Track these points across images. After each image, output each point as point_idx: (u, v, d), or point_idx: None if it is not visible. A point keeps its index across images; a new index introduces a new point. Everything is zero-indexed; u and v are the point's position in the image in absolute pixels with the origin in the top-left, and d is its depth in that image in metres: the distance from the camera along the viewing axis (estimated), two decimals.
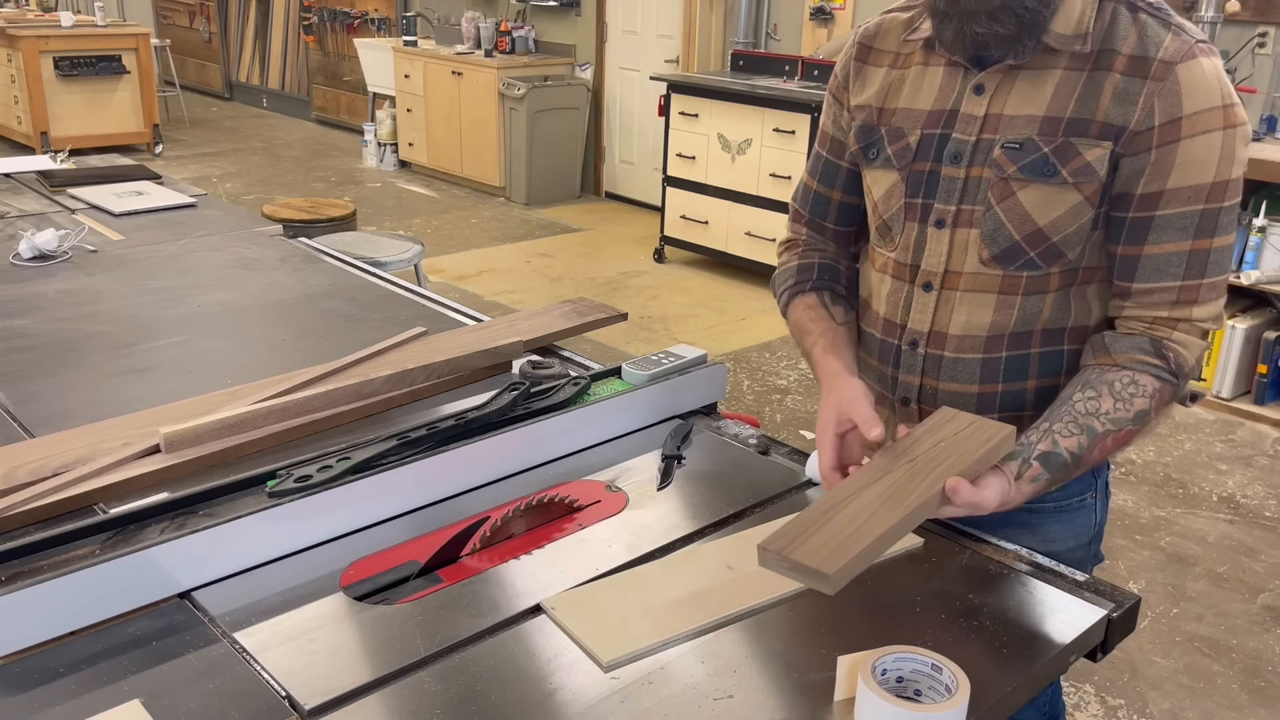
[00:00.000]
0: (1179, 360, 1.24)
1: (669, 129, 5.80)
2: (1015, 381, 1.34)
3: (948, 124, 1.30)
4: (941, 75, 1.32)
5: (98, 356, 1.80)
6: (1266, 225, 4.13)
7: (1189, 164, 1.20)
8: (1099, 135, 1.22)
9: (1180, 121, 1.19)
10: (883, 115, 1.37)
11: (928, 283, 1.34)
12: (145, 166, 3.20)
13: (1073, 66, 1.23)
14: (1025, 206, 1.26)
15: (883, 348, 1.42)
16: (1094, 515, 1.46)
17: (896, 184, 1.35)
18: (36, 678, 1.02)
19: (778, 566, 1.04)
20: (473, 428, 1.44)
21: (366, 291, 2.19)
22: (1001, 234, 1.28)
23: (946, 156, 1.30)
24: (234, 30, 10.60)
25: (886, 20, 1.41)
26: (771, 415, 4.03)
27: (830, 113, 1.48)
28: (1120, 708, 2.53)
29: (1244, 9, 4.33)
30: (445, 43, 7.68)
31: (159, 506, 1.26)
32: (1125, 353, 1.25)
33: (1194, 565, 3.15)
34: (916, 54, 1.35)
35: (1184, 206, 1.21)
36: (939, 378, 1.37)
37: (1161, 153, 1.20)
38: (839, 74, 1.45)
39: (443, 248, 6.09)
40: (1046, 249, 1.27)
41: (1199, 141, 1.19)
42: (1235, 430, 4.09)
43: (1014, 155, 1.25)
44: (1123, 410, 1.23)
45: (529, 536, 1.32)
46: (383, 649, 1.07)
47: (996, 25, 1.20)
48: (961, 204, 1.30)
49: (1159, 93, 1.19)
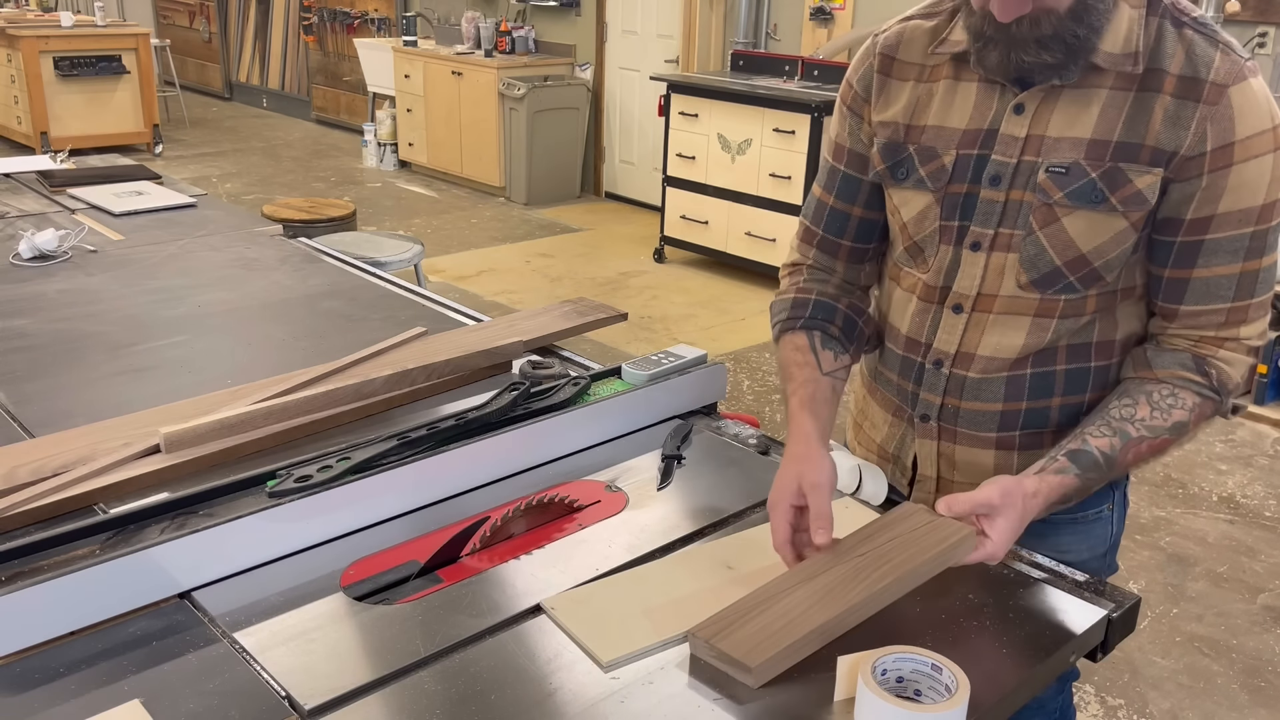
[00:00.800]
0: (1222, 378, 1.23)
1: (669, 129, 5.80)
2: (1040, 399, 1.32)
3: (985, 144, 1.25)
4: (976, 92, 1.26)
5: (98, 356, 1.80)
6: None
7: (1241, 188, 1.17)
8: (1150, 161, 1.18)
9: (1233, 146, 1.16)
10: (910, 133, 1.31)
11: (958, 305, 1.30)
12: (145, 166, 3.20)
13: (1119, 86, 1.18)
14: (1070, 233, 1.22)
15: (904, 364, 1.38)
16: (1110, 527, 1.44)
17: (931, 206, 1.30)
18: (36, 678, 1.02)
19: (704, 653, 1.05)
20: (473, 428, 1.44)
21: (366, 291, 2.19)
22: (1043, 259, 1.24)
23: (986, 179, 1.25)
24: (234, 30, 10.60)
25: (909, 29, 1.33)
26: (771, 415, 4.03)
27: (847, 125, 1.40)
28: (1120, 708, 2.53)
29: (1244, 9, 4.33)
30: (445, 43, 7.68)
31: (159, 506, 1.26)
32: (1167, 368, 1.24)
33: (1194, 565, 3.15)
34: (945, 67, 1.29)
35: (1235, 230, 1.19)
36: (962, 397, 1.33)
37: (1213, 178, 1.17)
38: (857, 86, 1.37)
39: (443, 248, 6.09)
40: (1087, 274, 1.24)
41: (1251, 165, 1.16)
42: (1235, 430, 4.09)
43: (1060, 181, 1.20)
44: (1159, 419, 1.21)
45: (529, 536, 1.32)
46: (383, 649, 1.07)
47: (1045, 54, 1.16)
48: (1000, 227, 1.25)
49: (1212, 117, 1.15)
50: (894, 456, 1.44)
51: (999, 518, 1.14)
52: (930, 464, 1.39)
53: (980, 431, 1.34)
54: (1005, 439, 1.34)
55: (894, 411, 1.43)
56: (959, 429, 1.35)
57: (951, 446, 1.37)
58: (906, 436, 1.41)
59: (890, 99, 1.33)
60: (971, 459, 1.36)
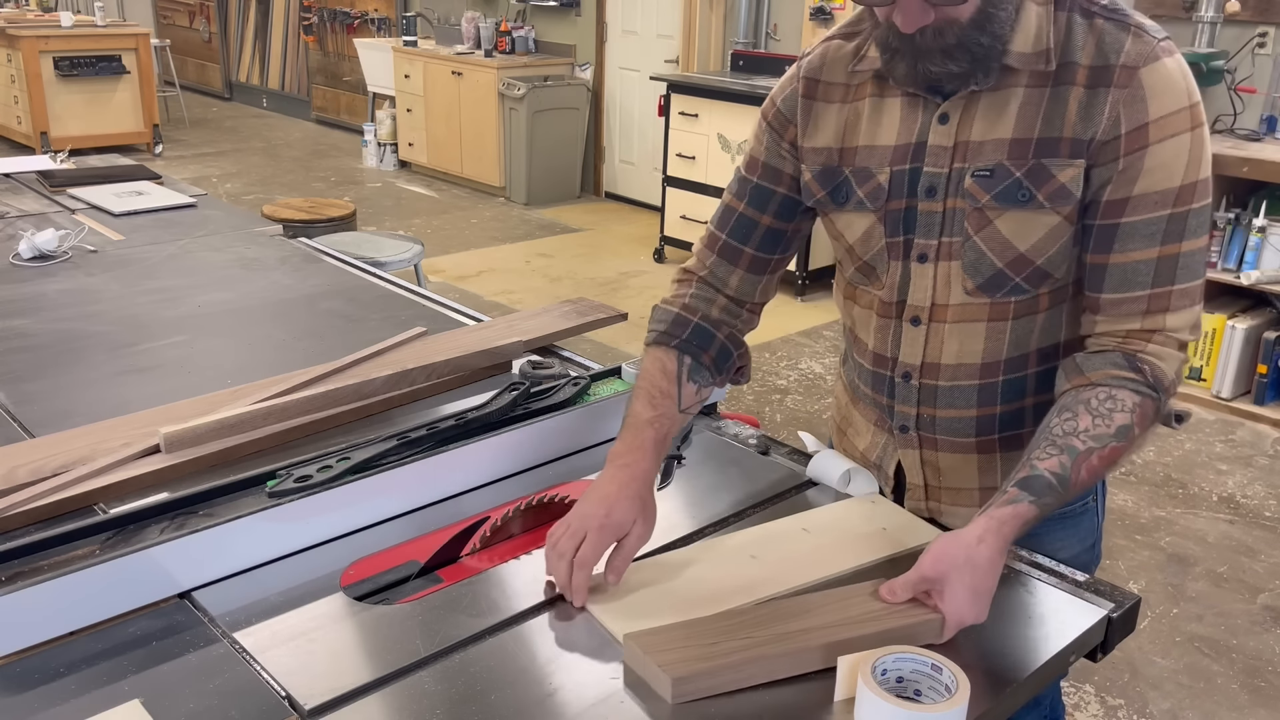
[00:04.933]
0: (1156, 374, 1.17)
1: (669, 129, 5.80)
2: (1013, 402, 1.32)
3: (916, 157, 1.24)
4: (900, 107, 1.25)
5: (98, 356, 1.80)
6: (1266, 225, 4.12)
7: (1156, 170, 1.15)
8: (1070, 153, 1.17)
9: (1147, 127, 1.14)
10: (844, 156, 1.30)
11: (915, 317, 1.30)
12: (145, 166, 3.20)
13: (1034, 84, 1.18)
14: (1004, 234, 1.22)
15: (875, 379, 1.38)
16: (1096, 518, 1.45)
17: (874, 225, 1.30)
18: (36, 678, 1.02)
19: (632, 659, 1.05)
20: (473, 428, 1.44)
21: (366, 291, 2.19)
22: (984, 263, 1.24)
23: (922, 191, 1.25)
24: (234, 30, 10.60)
25: (830, 49, 1.32)
26: (771, 415, 4.03)
27: (764, 141, 1.37)
28: (1120, 708, 2.53)
29: (1244, 9, 4.33)
30: (445, 43, 7.68)
31: (159, 506, 1.26)
32: (1099, 369, 1.18)
33: (1194, 565, 3.15)
34: (868, 85, 1.28)
35: (1150, 213, 1.16)
36: (936, 406, 1.34)
37: (1130, 160, 1.16)
38: (781, 107, 1.35)
39: (443, 248, 6.09)
40: (1032, 272, 1.23)
41: (1168, 145, 1.15)
42: (1235, 430, 4.09)
43: (986, 184, 1.20)
44: (1103, 426, 1.15)
45: (529, 536, 1.32)
46: (383, 649, 1.07)
47: (950, 63, 1.15)
48: (942, 237, 1.26)
49: (1124, 100, 1.14)
50: (876, 465, 1.44)
51: (945, 586, 1.07)
52: (916, 472, 1.40)
53: (959, 437, 1.35)
54: (985, 443, 1.35)
55: (875, 422, 1.44)
56: (938, 436, 1.36)
57: (934, 454, 1.37)
58: (889, 446, 1.42)
59: (819, 125, 1.32)
60: (955, 464, 1.37)
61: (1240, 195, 4.25)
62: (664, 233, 5.95)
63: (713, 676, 1.01)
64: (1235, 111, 4.38)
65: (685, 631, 1.06)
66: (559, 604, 1.15)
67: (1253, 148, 4.17)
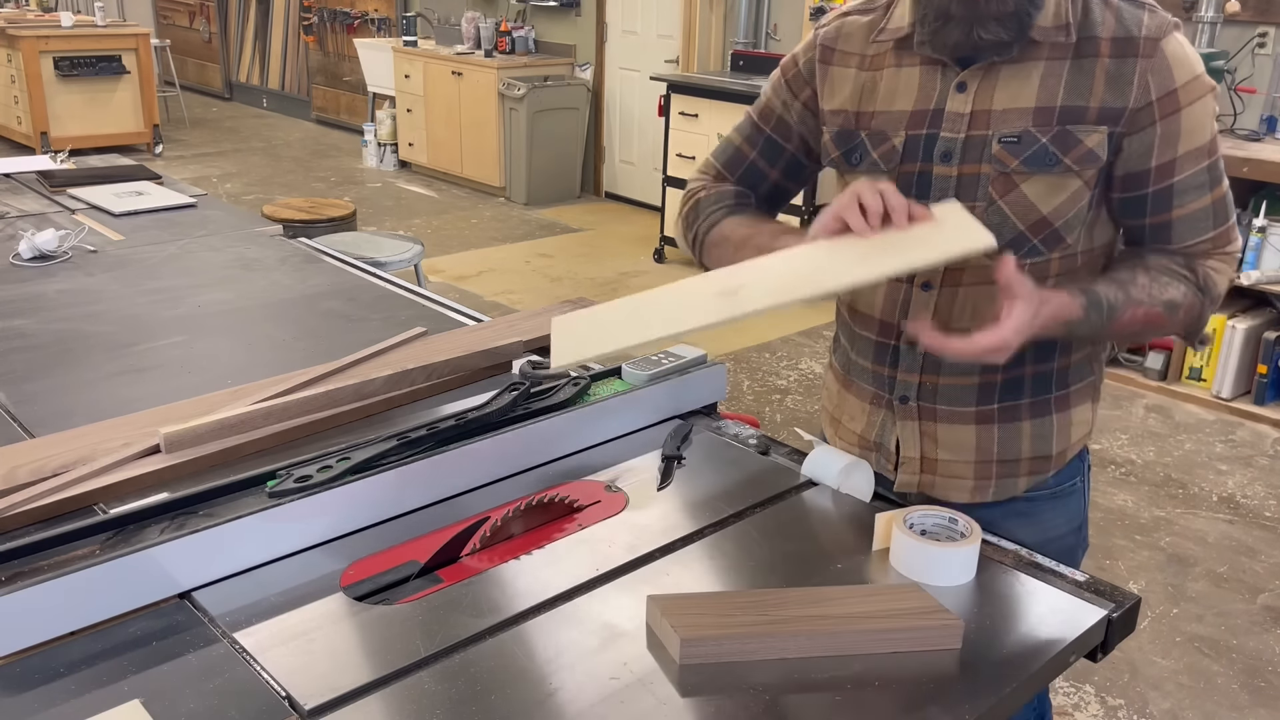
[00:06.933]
0: (1209, 280, 1.30)
1: (669, 129, 5.80)
2: (1013, 369, 1.36)
3: (933, 123, 1.30)
4: (919, 75, 1.32)
5: (98, 356, 1.80)
6: (1266, 225, 4.13)
7: (1192, 130, 1.25)
8: (1097, 120, 1.25)
9: (1176, 93, 1.24)
10: (860, 119, 1.36)
11: (927, 282, 1.34)
12: (145, 167, 3.20)
13: (1055, 56, 1.25)
14: (1030, 197, 1.28)
15: (878, 349, 1.41)
16: (1083, 499, 1.49)
17: None
18: (36, 678, 1.02)
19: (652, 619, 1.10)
20: (473, 428, 1.44)
21: (366, 291, 2.19)
22: (1006, 226, 1.29)
23: (937, 156, 1.30)
24: (234, 30, 10.60)
25: (847, 23, 1.39)
26: (771, 415, 4.03)
27: (782, 95, 1.45)
28: (1120, 708, 2.54)
29: (1244, 9, 4.33)
30: (445, 43, 7.68)
31: (159, 506, 1.26)
32: (1160, 259, 1.31)
33: (1194, 565, 3.15)
34: (887, 55, 1.34)
35: (1196, 166, 1.27)
36: (939, 373, 1.37)
37: (1166, 124, 1.25)
38: (801, 66, 1.43)
39: (443, 248, 6.09)
40: (1049, 235, 1.30)
41: (1195, 108, 1.25)
42: (1235, 430, 4.10)
43: (1014, 149, 1.26)
44: (1157, 291, 1.27)
45: (529, 536, 1.32)
46: (383, 649, 1.07)
47: (1003, 31, 1.23)
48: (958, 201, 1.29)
49: (1151, 69, 1.23)
50: (876, 444, 1.47)
51: (1016, 306, 1.16)
52: (914, 445, 1.42)
53: (959, 407, 1.39)
54: (984, 413, 1.39)
55: (871, 400, 1.46)
56: (938, 406, 1.40)
57: (933, 425, 1.41)
58: (887, 422, 1.44)
59: (835, 88, 1.39)
60: (953, 436, 1.40)
61: (1240, 195, 4.25)
62: (664, 233, 5.95)
63: (719, 644, 1.05)
64: (1235, 112, 4.38)
65: (706, 601, 1.11)
66: (559, 604, 1.15)
67: (1253, 148, 4.17)
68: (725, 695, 1.01)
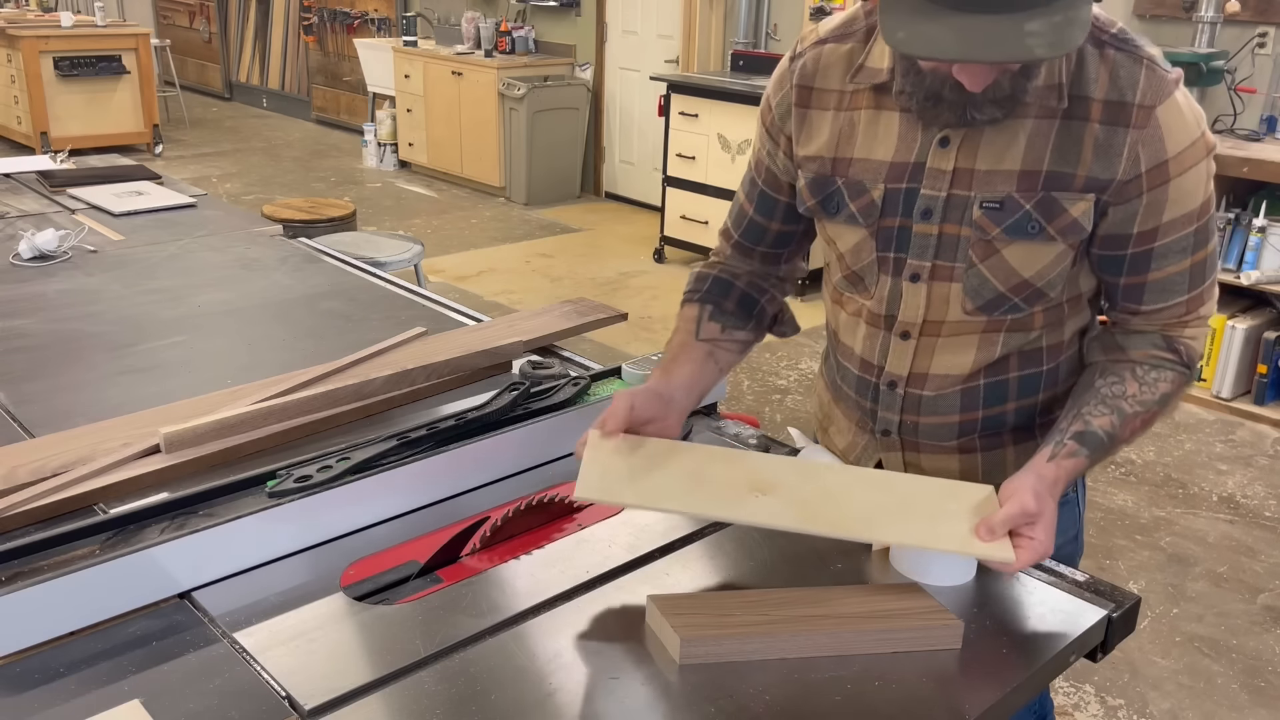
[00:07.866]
0: (1190, 353, 1.28)
1: (669, 129, 5.80)
2: (995, 407, 1.35)
3: (914, 178, 1.24)
4: (899, 124, 1.25)
5: (98, 356, 1.80)
6: (1266, 225, 4.12)
7: (1181, 198, 1.20)
8: (1083, 188, 1.19)
9: (1168, 164, 1.18)
10: (837, 166, 1.30)
11: (905, 332, 1.32)
12: (145, 166, 3.20)
13: (1043, 115, 1.19)
14: (1012, 263, 1.24)
15: (860, 384, 1.40)
16: (1077, 509, 1.48)
17: (865, 239, 1.30)
18: (36, 678, 1.02)
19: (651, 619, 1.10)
20: (473, 428, 1.44)
21: (366, 291, 2.19)
22: (986, 288, 1.26)
23: (917, 213, 1.25)
24: (234, 30, 10.60)
25: (826, 53, 1.30)
26: (771, 415, 4.03)
27: (765, 145, 1.39)
28: (1120, 708, 2.53)
29: (1244, 9, 4.33)
30: (445, 43, 7.68)
31: (159, 506, 1.26)
32: (1140, 349, 1.28)
33: (1194, 565, 3.15)
34: (865, 96, 1.27)
35: (1179, 232, 1.22)
36: (919, 414, 1.36)
37: (1154, 195, 1.19)
38: (775, 110, 1.35)
39: (443, 248, 6.09)
40: (1031, 293, 1.27)
41: (1188, 176, 1.19)
42: (1235, 430, 4.09)
43: (995, 216, 1.22)
44: (1148, 393, 1.25)
45: (529, 536, 1.32)
46: (383, 649, 1.07)
47: (997, 110, 1.16)
48: (937, 259, 1.27)
49: (1142, 140, 1.17)
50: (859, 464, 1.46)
51: (1040, 520, 1.14)
52: (898, 469, 1.42)
53: (941, 441, 1.38)
54: (966, 444, 1.39)
55: (856, 423, 1.46)
56: (920, 440, 1.39)
57: (916, 455, 1.41)
58: (870, 447, 1.44)
59: (812, 132, 1.32)
60: (937, 464, 1.40)
61: (1240, 195, 4.25)
62: (664, 233, 5.95)
63: (719, 644, 1.05)
64: (1235, 111, 4.38)
65: (706, 601, 1.12)
66: (559, 604, 1.15)
67: (1253, 148, 4.17)
68: (725, 695, 1.01)
